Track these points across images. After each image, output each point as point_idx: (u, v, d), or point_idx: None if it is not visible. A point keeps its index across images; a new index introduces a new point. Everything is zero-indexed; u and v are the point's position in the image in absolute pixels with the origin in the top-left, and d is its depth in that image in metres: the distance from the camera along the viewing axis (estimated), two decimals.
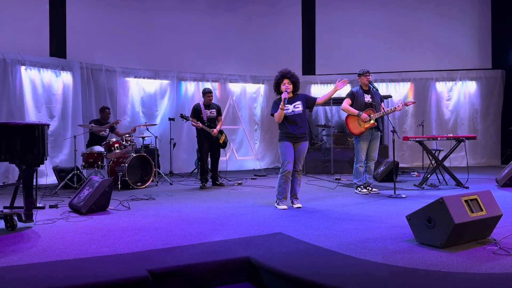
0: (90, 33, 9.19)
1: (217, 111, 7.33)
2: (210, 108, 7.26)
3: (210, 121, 7.19)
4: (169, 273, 2.84)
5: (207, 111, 7.20)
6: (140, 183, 7.19)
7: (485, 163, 10.54)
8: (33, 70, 8.05)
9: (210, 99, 7.30)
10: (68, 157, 8.16)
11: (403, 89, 10.94)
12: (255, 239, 3.55)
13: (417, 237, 3.38)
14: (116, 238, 3.70)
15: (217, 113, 7.32)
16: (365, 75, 6.24)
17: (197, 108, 7.25)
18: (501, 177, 6.58)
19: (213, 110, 7.28)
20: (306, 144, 5.15)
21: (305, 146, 5.14)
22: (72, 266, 2.91)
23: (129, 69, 9.43)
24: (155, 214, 4.85)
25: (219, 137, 7.24)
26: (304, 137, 5.14)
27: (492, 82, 10.73)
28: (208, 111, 7.22)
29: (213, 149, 7.29)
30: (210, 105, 7.29)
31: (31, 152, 4.07)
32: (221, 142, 7.30)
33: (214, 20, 10.50)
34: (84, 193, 5.07)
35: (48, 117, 8.10)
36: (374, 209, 4.93)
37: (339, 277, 2.65)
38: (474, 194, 3.34)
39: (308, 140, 5.23)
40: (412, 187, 6.75)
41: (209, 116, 7.20)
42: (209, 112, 7.22)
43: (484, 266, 2.77)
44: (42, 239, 3.72)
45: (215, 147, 7.29)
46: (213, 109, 7.29)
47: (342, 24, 11.11)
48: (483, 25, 10.91)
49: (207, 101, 7.27)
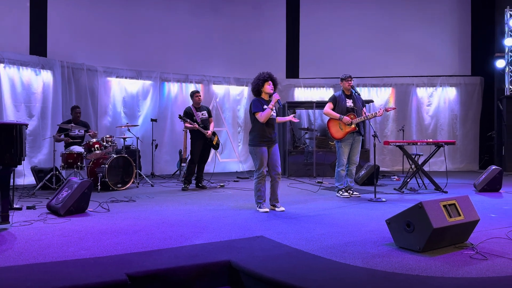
0: (72, 31, 9.06)
1: (208, 113, 7.36)
2: (201, 110, 7.28)
3: (204, 122, 7.21)
4: (148, 277, 2.80)
5: (199, 113, 7.22)
6: (121, 184, 7.10)
7: (464, 167, 10.74)
8: (12, 68, 7.89)
9: (200, 100, 7.30)
10: (47, 157, 8.02)
11: (384, 94, 11.08)
12: (236, 243, 3.54)
13: (397, 241, 3.41)
14: (94, 241, 3.64)
15: (208, 115, 7.34)
16: (347, 80, 6.30)
17: (188, 111, 7.23)
18: (479, 182, 6.70)
19: (204, 111, 7.31)
20: (277, 146, 5.22)
21: (277, 148, 5.20)
22: (48, 269, 2.84)
23: (111, 69, 9.33)
24: (135, 216, 4.79)
25: (213, 138, 7.26)
26: (276, 140, 5.22)
27: (471, 88, 10.96)
28: (199, 113, 7.23)
29: (205, 151, 7.28)
30: (200, 107, 7.29)
31: (8, 152, 3.98)
32: (215, 143, 7.33)
33: (198, 21, 10.47)
34: (62, 194, 4.98)
35: (27, 116, 7.95)
36: (354, 213, 4.97)
37: (319, 280, 2.65)
38: (453, 199, 3.39)
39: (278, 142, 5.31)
40: (392, 191, 6.83)
41: (201, 118, 7.21)
42: (201, 114, 7.24)
43: (461, 270, 2.81)
44: (18, 241, 3.63)
45: (207, 148, 7.29)
46: (204, 111, 7.31)
47: (326, 29, 11.21)
48: (463, 33, 11.14)
49: (197, 101, 7.27)
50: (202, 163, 7.33)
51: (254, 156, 5.07)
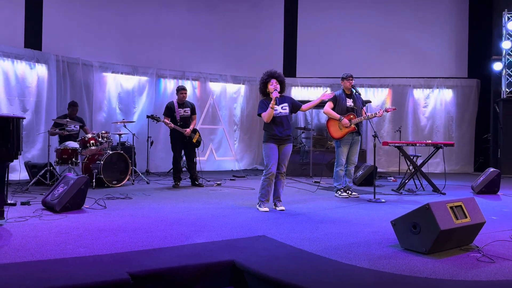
0: (67, 25, 8.91)
1: (191, 110, 7.16)
2: (184, 106, 7.09)
3: (184, 120, 7.03)
4: (150, 276, 2.73)
5: (180, 110, 7.04)
6: (116, 181, 6.99)
7: (459, 170, 10.76)
8: (6, 61, 7.74)
9: (184, 97, 7.11)
10: (41, 152, 7.88)
11: (381, 94, 11.07)
12: (239, 242, 3.47)
13: (402, 243, 3.37)
14: (93, 239, 3.55)
15: (191, 112, 7.16)
16: (348, 79, 6.26)
17: (170, 107, 7.07)
18: (477, 184, 6.70)
19: (187, 108, 7.12)
20: (290, 146, 5.08)
21: (290, 148, 5.07)
22: (47, 267, 2.75)
23: (106, 64, 9.20)
24: (132, 214, 4.70)
25: (192, 136, 7.08)
26: (289, 139, 5.07)
27: (468, 90, 10.98)
28: (181, 109, 7.05)
29: (187, 149, 7.16)
30: (184, 104, 7.12)
31: (5, 146, 3.87)
32: (194, 141, 7.14)
33: (195, 18, 10.37)
34: (58, 190, 4.88)
35: (20, 110, 7.81)
36: (355, 213, 4.93)
37: (326, 282, 2.60)
38: (459, 201, 3.35)
39: (292, 142, 5.16)
40: (390, 191, 6.80)
41: (182, 115, 7.03)
42: (183, 111, 7.06)
43: (470, 273, 2.77)
44: (14, 237, 3.54)
45: (189, 146, 7.14)
46: (187, 108, 7.12)
47: (324, 28, 11.17)
48: (461, 35, 11.16)
49: (181, 98, 7.08)
50: (190, 161, 7.20)
51: (264, 153, 5.05)
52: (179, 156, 7.13)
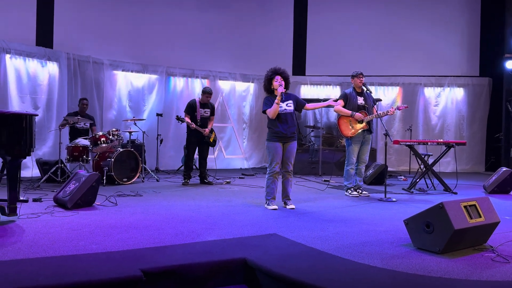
0: (78, 23, 8.96)
1: (211, 111, 7.28)
2: (205, 107, 7.19)
3: (203, 120, 7.12)
4: (163, 273, 2.73)
5: (201, 110, 7.12)
6: (126, 178, 7.01)
7: (470, 169, 10.66)
8: (18, 59, 7.80)
9: (208, 100, 7.22)
10: (52, 149, 7.93)
11: (391, 93, 11.00)
12: (250, 240, 3.46)
13: (415, 242, 3.34)
14: (105, 235, 3.57)
15: (210, 113, 7.27)
16: (358, 77, 6.21)
17: (192, 105, 7.15)
18: (489, 184, 6.63)
19: (208, 110, 7.22)
20: (295, 144, 5.07)
21: (294, 146, 5.05)
22: (61, 263, 2.77)
23: (117, 62, 9.23)
24: (143, 211, 4.71)
25: (210, 136, 7.18)
26: (294, 137, 5.05)
27: (479, 89, 10.87)
28: (202, 110, 7.15)
29: (202, 147, 7.21)
30: (205, 104, 7.21)
31: (18, 143, 3.90)
32: (211, 141, 7.23)
33: (204, 16, 10.37)
34: (70, 187, 4.91)
35: (32, 108, 7.87)
36: (366, 212, 4.89)
37: (339, 281, 2.58)
38: (473, 200, 3.31)
39: (296, 139, 5.13)
40: (400, 191, 6.76)
41: (202, 116, 7.13)
42: (204, 111, 7.15)
43: (485, 273, 2.74)
44: (26, 234, 3.56)
45: (204, 145, 7.20)
46: (208, 109, 7.23)
47: (333, 26, 11.11)
48: (472, 34, 11.04)
49: (205, 100, 7.18)
50: (202, 159, 7.27)
51: (267, 151, 5.05)
52: (192, 154, 7.16)
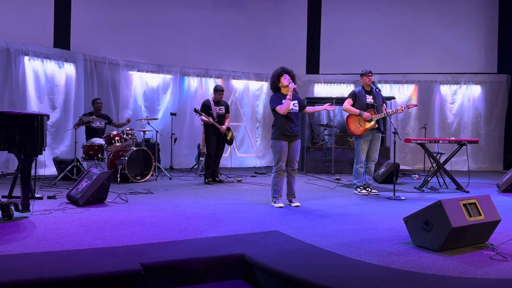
0: (94, 25, 9.17)
1: (225, 108, 7.37)
2: (219, 105, 7.30)
3: (219, 117, 7.23)
4: (162, 267, 2.83)
5: (216, 108, 7.23)
6: (140, 176, 7.17)
7: (487, 167, 10.48)
8: (36, 61, 8.05)
9: (221, 97, 7.34)
10: (69, 148, 8.16)
11: (407, 91, 10.89)
12: (251, 237, 3.53)
13: (414, 240, 3.35)
14: (111, 231, 3.69)
15: (225, 110, 7.36)
16: (367, 75, 6.20)
17: (206, 104, 7.26)
18: (502, 182, 6.53)
19: (222, 107, 7.32)
20: (299, 142, 5.16)
21: (299, 144, 5.14)
22: (65, 257, 2.89)
23: (132, 63, 9.42)
24: (152, 208, 4.83)
25: (227, 133, 7.27)
26: (298, 136, 5.16)
27: (497, 86, 10.66)
28: (217, 107, 7.25)
29: (219, 146, 7.31)
30: (219, 102, 7.31)
31: (30, 141, 4.06)
32: (228, 139, 7.34)
33: (218, 16, 10.47)
34: (82, 185, 5.06)
35: (50, 108, 8.10)
36: (372, 210, 4.90)
37: (333, 277, 2.62)
38: (473, 198, 3.30)
39: (300, 138, 5.21)
40: (412, 189, 6.71)
41: (218, 113, 7.23)
42: (218, 109, 7.26)
43: (479, 271, 2.74)
44: (37, 229, 3.71)
45: (222, 143, 7.33)
46: (222, 106, 7.33)
47: (347, 24, 11.06)
48: (490, 30, 10.84)
49: (217, 98, 7.29)
50: (217, 157, 7.36)
51: (274, 150, 5.10)
52: (213, 153, 7.21)
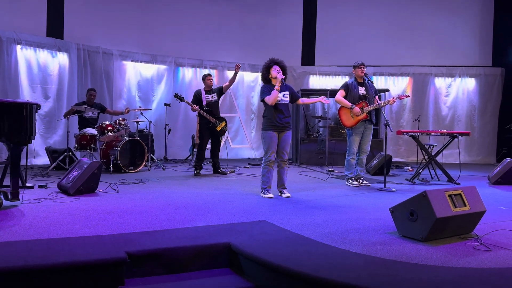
0: (88, 14, 9.12)
1: (218, 94, 7.19)
2: (211, 93, 7.16)
3: (210, 106, 7.06)
4: (148, 255, 2.84)
5: (208, 96, 7.10)
6: (133, 167, 7.18)
7: (481, 160, 10.53)
8: (29, 50, 8.01)
9: (211, 83, 7.19)
10: (62, 138, 8.15)
11: (401, 83, 10.90)
12: (238, 226, 3.55)
13: (399, 230, 3.38)
14: (99, 220, 3.70)
15: (218, 95, 7.20)
16: (359, 67, 6.21)
17: (197, 95, 7.14)
18: (493, 175, 6.57)
19: (214, 94, 7.16)
20: (290, 133, 5.16)
21: (289, 135, 5.15)
22: (50, 245, 2.90)
23: (126, 53, 9.38)
24: (142, 198, 4.85)
25: (217, 123, 7.11)
26: (289, 127, 5.14)
27: (492, 79, 10.69)
28: (209, 95, 7.11)
29: (214, 137, 7.22)
30: (211, 90, 7.19)
31: (19, 130, 4.05)
32: (219, 130, 7.13)
33: (213, 6, 10.42)
34: (73, 174, 5.07)
35: (43, 98, 8.08)
36: (361, 201, 4.93)
37: (316, 265, 2.64)
38: (459, 189, 3.32)
39: (291, 129, 5.21)
40: (403, 181, 6.75)
41: (209, 101, 7.08)
42: (210, 97, 7.11)
43: (462, 260, 2.77)
44: (26, 217, 3.72)
45: (217, 134, 7.17)
46: (214, 94, 7.17)
47: (343, 16, 11.03)
48: (485, 23, 10.84)
49: (208, 85, 7.16)
50: (215, 149, 7.28)
51: (263, 140, 5.11)
52: (205, 145, 7.14)
